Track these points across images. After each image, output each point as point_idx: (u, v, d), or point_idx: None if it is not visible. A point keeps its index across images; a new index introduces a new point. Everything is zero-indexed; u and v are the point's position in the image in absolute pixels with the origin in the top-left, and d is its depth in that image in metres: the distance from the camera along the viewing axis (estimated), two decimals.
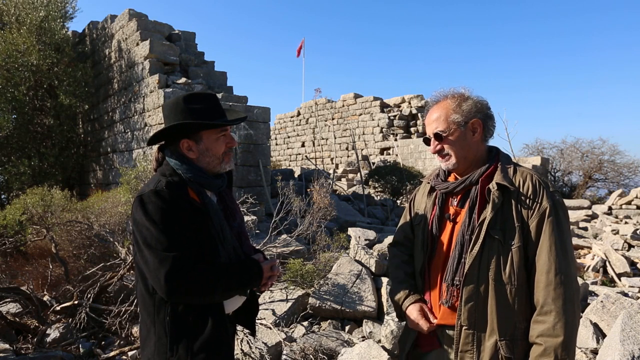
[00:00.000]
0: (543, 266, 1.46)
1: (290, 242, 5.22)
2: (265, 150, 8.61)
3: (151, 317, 1.54)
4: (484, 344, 1.51)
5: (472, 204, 1.58)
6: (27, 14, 10.17)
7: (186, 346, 1.51)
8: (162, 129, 1.61)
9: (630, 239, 6.54)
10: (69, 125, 11.64)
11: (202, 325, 1.53)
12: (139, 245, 1.49)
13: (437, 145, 1.65)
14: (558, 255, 1.45)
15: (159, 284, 1.44)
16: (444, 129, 1.61)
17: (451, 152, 1.62)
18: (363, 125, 18.92)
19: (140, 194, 1.52)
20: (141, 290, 1.57)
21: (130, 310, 4.07)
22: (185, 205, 1.53)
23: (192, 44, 10.62)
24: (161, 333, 1.52)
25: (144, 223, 1.47)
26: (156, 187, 1.51)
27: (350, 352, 3.37)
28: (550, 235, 1.47)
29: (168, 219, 1.48)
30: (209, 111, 1.61)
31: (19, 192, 9.26)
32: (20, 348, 3.84)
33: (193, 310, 1.53)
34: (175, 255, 1.44)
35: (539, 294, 1.46)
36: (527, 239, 1.50)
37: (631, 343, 2.77)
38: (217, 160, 1.64)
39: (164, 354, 1.51)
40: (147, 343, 1.56)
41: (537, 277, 1.48)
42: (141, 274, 1.55)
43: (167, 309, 1.51)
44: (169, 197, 1.50)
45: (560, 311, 1.41)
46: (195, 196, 1.58)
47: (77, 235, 5.87)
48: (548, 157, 15.56)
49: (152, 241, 1.45)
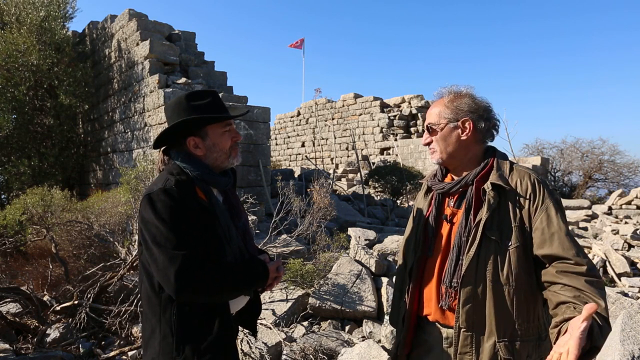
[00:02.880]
0: (557, 249, 1.42)
1: (290, 242, 5.22)
2: (265, 150, 8.61)
3: (157, 316, 1.53)
4: (482, 346, 1.50)
5: (469, 205, 1.57)
6: (28, 13, 10.17)
7: (193, 346, 1.50)
8: (167, 128, 1.60)
9: (630, 239, 6.54)
10: (69, 125, 11.63)
11: (209, 325, 1.53)
12: (147, 244, 1.48)
13: (427, 138, 1.68)
14: (572, 242, 1.43)
15: (168, 282, 1.43)
16: (434, 122, 1.64)
17: (437, 147, 1.64)
18: (363, 125, 18.92)
19: (149, 192, 1.51)
20: (146, 289, 1.56)
21: (130, 310, 4.07)
22: (193, 204, 1.53)
23: (192, 44, 10.62)
24: (167, 332, 1.51)
25: (153, 221, 1.46)
26: (165, 186, 1.50)
27: (350, 352, 3.37)
28: (559, 229, 1.45)
29: (177, 217, 1.47)
30: (212, 106, 1.62)
31: (19, 192, 9.26)
32: (20, 348, 3.84)
33: (200, 310, 1.53)
34: (184, 254, 1.43)
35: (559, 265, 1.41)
36: (527, 237, 1.49)
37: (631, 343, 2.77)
38: (224, 155, 1.65)
39: (169, 354, 1.50)
40: (151, 343, 1.54)
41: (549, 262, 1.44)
42: (147, 273, 1.55)
43: (173, 308, 1.50)
44: (177, 195, 1.49)
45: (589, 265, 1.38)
46: (203, 195, 1.59)
47: (77, 235, 5.88)
48: (548, 157, 15.55)
49: (162, 239, 1.45)
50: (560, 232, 1.44)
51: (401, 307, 1.77)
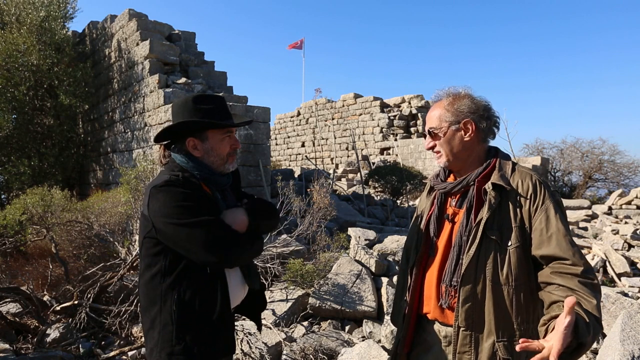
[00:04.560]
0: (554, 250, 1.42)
1: (290, 242, 5.22)
2: (265, 150, 8.61)
3: (157, 307, 1.55)
4: (481, 345, 1.50)
5: (470, 205, 1.58)
6: (28, 13, 10.17)
7: (193, 334, 1.53)
8: (170, 126, 1.65)
9: (630, 239, 6.54)
10: (69, 125, 11.63)
11: (209, 314, 1.56)
12: (163, 231, 1.51)
13: (430, 142, 1.68)
14: (570, 243, 1.43)
15: (204, 251, 1.47)
16: (436, 126, 1.64)
17: (442, 150, 1.64)
18: (363, 125, 18.92)
19: (154, 185, 1.55)
20: (146, 282, 1.58)
21: (130, 310, 4.07)
22: (199, 195, 1.57)
23: (192, 44, 10.62)
24: (167, 321, 1.53)
25: (164, 207, 1.50)
26: (170, 178, 1.55)
27: (350, 352, 3.37)
28: (557, 230, 1.45)
29: (186, 200, 1.51)
30: (217, 112, 1.66)
31: (19, 192, 9.26)
32: (20, 348, 3.84)
33: (199, 298, 1.55)
34: (205, 220, 1.49)
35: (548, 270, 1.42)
36: (527, 238, 1.49)
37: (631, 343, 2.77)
38: (220, 160, 1.68)
39: (169, 342, 1.52)
40: (151, 334, 1.57)
41: (546, 263, 1.44)
42: (147, 265, 1.57)
43: (173, 296, 1.53)
44: (184, 185, 1.54)
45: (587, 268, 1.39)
46: (207, 189, 1.64)
47: (77, 235, 5.88)
48: (548, 157, 15.55)
49: (177, 218, 1.48)
50: (558, 233, 1.44)
51: (402, 306, 1.78)
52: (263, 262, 4.65)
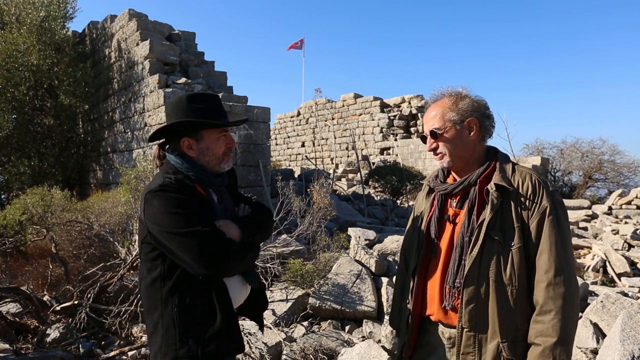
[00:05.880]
0: (543, 266, 1.46)
1: (290, 242, 5.22)
2: (265, 150, 8.61)
3: (159, 311, 1.54)
4: (485, 346, 1.50)
5: (471, 205, 1.57)
6: (28, 13, 10.17)
7: (196, 337, 1.51)
8: (164, 126, 1.63)
9: (630, 239, 6.54)
10: (69, 125, 11.63)
11: (211, 316, 1.54)
12: (158, 238, 1.50)
13: (432, 143, 1.65)
14: (558, 255, 1.45)
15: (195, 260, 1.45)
16: (439, 126, 1.62)
17: (445, 150, 1.62)
18: (363, 125, 18.92)
19: (149, 189, 1.53)
20: (147, 285, 1.57)
21: (130, 310, 4.07)
22: (194, 198, 1.55)
23: (192, 44, 10.62)
24: (169, 325, 1.52)
25: (160, 213, 1.48)
26: (164, 182, 1.53)
27: (350, 352, 3.37)
28: (550, 234, 1.46)
29: (181, 206, 1.49)
30: (211, 111, 1.63)
31: (19, 192, 9.26)
32: (20, 348, 3.84)
33: (201, 301, 1.54)
34: (199, 230, 1.47)
35: (539, 293, 1.46)
36: (527, 239, 1.49)
37: (631, 343, 2.77)
38: (216, 160, 1.66)
39: (172, 346, 1.51)
40: (154, 338, 1.56)
41: (537, 276, 1.47)
42: (148, 268, 1.56)
43: (175, 300, 1.52)
44: (177, 189, 1.52)
45: (559, 311, 1.41)
46: (202, 191, 1.62)
47: (77, 235, 5.88)
48: (548, 157, 15.54)
49: (172, 226, 1.47)
50: (549, 240, 1.47)
51: (403, 309, 1.77)
52: (263, 262, 4.65)
